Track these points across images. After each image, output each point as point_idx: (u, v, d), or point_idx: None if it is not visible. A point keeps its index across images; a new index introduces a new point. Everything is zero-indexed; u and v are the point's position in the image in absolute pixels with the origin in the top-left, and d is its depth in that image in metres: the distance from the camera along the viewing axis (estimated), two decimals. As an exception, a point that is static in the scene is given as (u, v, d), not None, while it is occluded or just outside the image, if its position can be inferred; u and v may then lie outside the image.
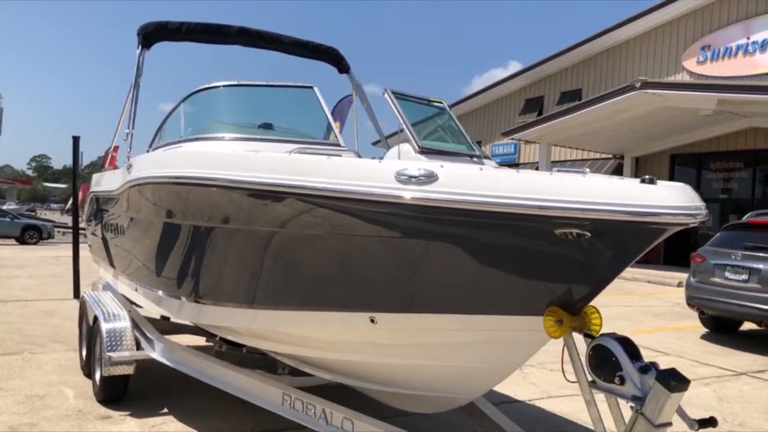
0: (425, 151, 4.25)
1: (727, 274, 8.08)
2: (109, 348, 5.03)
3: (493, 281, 2.71)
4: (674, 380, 2.44)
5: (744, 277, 7.85)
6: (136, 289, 5.11)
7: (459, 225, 2.58)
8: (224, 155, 3.68)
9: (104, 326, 5.16)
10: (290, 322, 3.53)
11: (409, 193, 2.60)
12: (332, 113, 12.82)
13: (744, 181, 18.08)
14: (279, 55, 6.55)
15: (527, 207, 2.35)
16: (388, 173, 2.69)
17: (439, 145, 4.39)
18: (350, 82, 6.69)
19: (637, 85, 15.00)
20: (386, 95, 4.70)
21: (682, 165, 19.63)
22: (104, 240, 6.09)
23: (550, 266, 2.55)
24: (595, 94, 21.30)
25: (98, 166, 7.65)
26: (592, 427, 2.77)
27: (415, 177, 2.61)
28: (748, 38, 17.73)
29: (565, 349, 2.73)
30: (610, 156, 20.93)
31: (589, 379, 2.65)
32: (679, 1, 19.20)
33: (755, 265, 7.76)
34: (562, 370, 2.84)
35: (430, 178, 2.57)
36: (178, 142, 4.47)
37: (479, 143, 23.56)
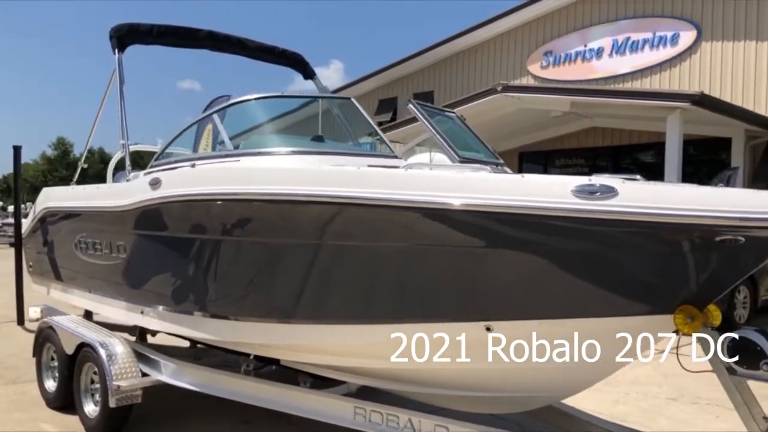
0: (465, 161, 4.52)
1: None
2: (116, 377, 4.79)
3: (639, 283, 3.04)
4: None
5: None
6: (142, 312, 4.87)
7: (629, 236, 2.87)
8: (362, 172, 3.61)
9: (104, 354, 4.90)
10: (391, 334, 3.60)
11: (593, 207, 2.84)
12: (203, 117, 12.73)
13: (585, 175, 19.91)
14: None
15: (707, 218, 2.69)
16: (565, 189, 2.92)
17: (471, 155, 4.67)
18: (316, 87, 6.77)
19: (499, 88, 16.07)
20: (412, 106, 4.90)
21: (529, 162, 21.21)
22: (75, 261, 5.67)
23: (696, 268, 2.92)
24: (446, 96, 22.49)
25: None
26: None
27: (596, 192, 2.86)
28: (585, 46, 19.56)
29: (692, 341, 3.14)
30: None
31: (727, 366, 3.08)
32: (522, 10, 20.72)
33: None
34: (678, 359, 3.29)
35: (611, 193, 2.84)
36: (226, 156, 4.34)
37: (335, 143, 23.80)
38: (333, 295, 3.67)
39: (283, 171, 3.76)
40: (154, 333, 5.77)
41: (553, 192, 2.95)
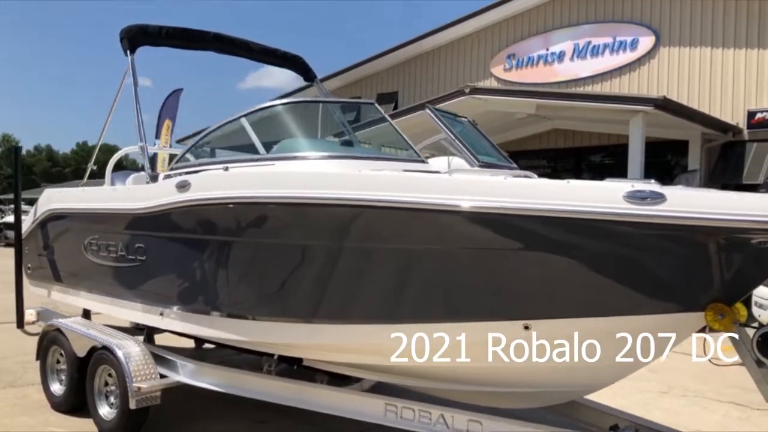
0: (484, 165, 4.69)
1: None
2: (136, 379, 4.81)
3: (675, 283, 3.23)
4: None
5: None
6: (161, 313, 4.89)
7: (672, 238, 3.07)
8: (417, 177, 3.74)
9: (123, 356, 4.91)
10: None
11: (643, 212, 3.03)
12: (162, 110, 12.65)
13: (547, 176, 20.40)
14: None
15: (751, 222, 2.90)
16: (617, 194, 3.10)
17: (489, 159, 4.84)
18: (317, 90, 6.88)
19: (466, 90, 16.36)
20: (429, 112, 5.04)
21: (492, 162, 21.60)
22: (84, 263, 5.63)
23: (727, 268, 3.14)
24: (411, 96, 22.73)
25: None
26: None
27: (646, 198, 3.04)
28: (547, 49, 20.02)
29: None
30: (428, 155, 22.36)
31: (756, 359, 3.31)
32: (485, 13, 21.12)
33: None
34: (704, 354, 3.51)
35: (660, 198, 3.03)
36: (259, 160, 4.40)
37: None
38: (384, 296, 3.76)
39: (328, 176, 3.85)
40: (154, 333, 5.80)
41: (605, 197, 3.13)
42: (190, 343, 6.28)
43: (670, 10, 17.92)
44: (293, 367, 4.97)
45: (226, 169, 4.35)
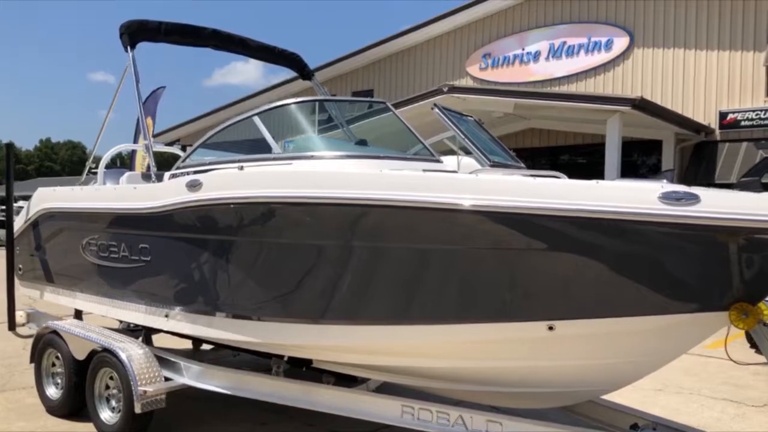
0: (495, 165, 4.67)
1: None
2: (142, 382, 4.71)
3: (700, 282, 3.25)
4: None
5: None
6: (167, 315, 4.78)
7: (702, 238, 3.08)
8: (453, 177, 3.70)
9: (127, 359, 4.80)
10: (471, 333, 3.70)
11: (680, 213, 3.03)
12: (144, 106, 12.49)
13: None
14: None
15: None
16: (651, 195, 3.10)
17: (499, 159, 4.83)
18: (314, 88, 6.83)
19: (445, 89, 16.39)
20: (438, 111, 5.02)
21: (468, 161, 21.70)
22: (81, 264, 5.48)
23: (753, 267, 3.16)
24: (386, 95, 22.70)
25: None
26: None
27: (681, 199, 3.05)
28: (523, 49, 20.19)
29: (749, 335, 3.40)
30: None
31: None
32: (461, 12, 21.23)
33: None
34: (726, 353, 3.55)
35: (695, 199, 3.04)
36: (275, 159, 4.33)
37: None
38: (405, 297, 3.71)
39: (352, 176, 3.78)
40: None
41: (639, 198, 3.14)
42: (181, 345, 6.15)
43: (644, 11, 18.20)
44: (302, 369, 4.91)
45: (241, 168, 4.26)
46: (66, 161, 77.67)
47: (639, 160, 18.42)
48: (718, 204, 3.06)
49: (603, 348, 3.59)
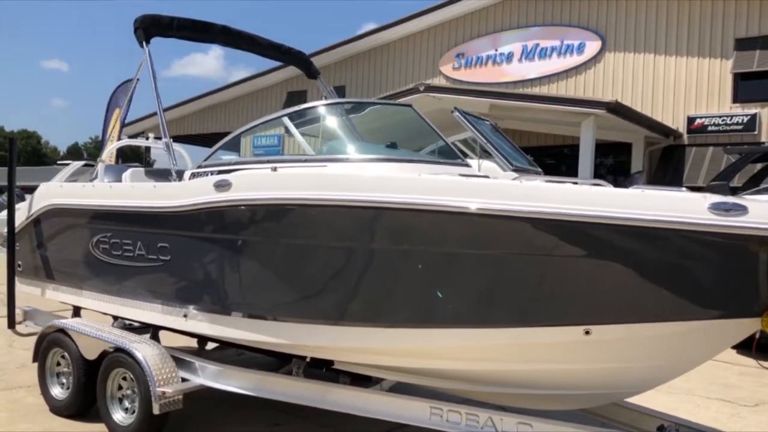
0: (517, 170, 4.73)
1: None
2: (160, 383, 4.64)
3: (739, 289, 3.34)
4: None
5: None
6: (185, 315, 4.71)
7: (747, 248, 3.17)
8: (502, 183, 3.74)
9: (142, 358, 4.73)
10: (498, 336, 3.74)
11: (731, 223, 3.12)
12: (111, 100, 12.14)
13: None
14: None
15: None
16: (701, 205, 3.18)
17: (520, 164, 4.88)
18: (320, 87, 6.82)
19: (421, 88, 16.47)
20: (458, 114, 5.05)
21: (439, 159, 21.83)
22: (91, 262, 5.35)
23: None
24: (358, 91, 22.70)
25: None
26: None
27: (730, 210, 3.13)
28: (496, 50, 20.39)
29: None
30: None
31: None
32: (433, 12, 21.37)
33: None
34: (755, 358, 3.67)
35: (743, 210, 3.13)
36: (307, 161, 4.29)
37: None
38: (437, 300, 3.73)
39: (394, 180, 3.77)
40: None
41: (690, 208, 3.22)
42: (181, 344, 6.07)
43: (616, 16, 18.55)
44: (322, 370, 4.90)
45: (275, 169, 4.22)
46: (21, 151, 75.70)
47: (608, 162, 18.79)
48: (767, 215, 3.16)
49: (638, 351, 3.67)
